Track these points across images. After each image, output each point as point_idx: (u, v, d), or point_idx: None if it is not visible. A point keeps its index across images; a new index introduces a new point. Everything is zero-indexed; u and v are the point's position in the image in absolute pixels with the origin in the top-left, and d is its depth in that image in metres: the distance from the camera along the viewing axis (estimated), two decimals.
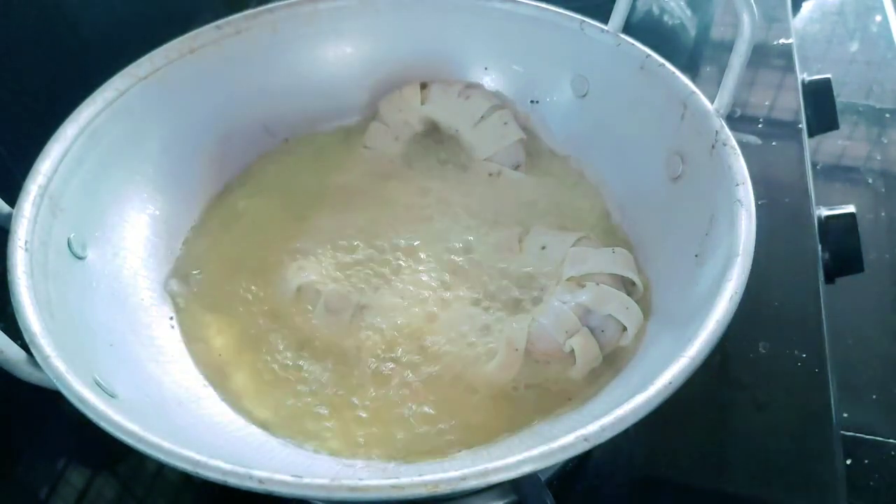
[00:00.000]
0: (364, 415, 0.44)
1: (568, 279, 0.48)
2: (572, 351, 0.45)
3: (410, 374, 0.46)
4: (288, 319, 0.49)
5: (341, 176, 0.58)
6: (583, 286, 0.47)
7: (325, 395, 0.46)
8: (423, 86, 0.59)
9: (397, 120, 0.59)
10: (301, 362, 0.47)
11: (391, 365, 0.46)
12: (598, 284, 0.46)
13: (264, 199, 0.57)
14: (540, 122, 0.59)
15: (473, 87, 0.59)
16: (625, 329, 0.46)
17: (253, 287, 0.51)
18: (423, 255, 0.52)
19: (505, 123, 0.58)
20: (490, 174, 0.57)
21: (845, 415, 0.50)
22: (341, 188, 0.57)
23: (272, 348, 0.48)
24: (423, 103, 0.59)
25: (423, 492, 0.30)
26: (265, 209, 0.56)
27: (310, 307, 0.49)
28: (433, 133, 0.60)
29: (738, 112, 0.70)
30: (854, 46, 0.83)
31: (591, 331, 0.45)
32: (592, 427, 0.32)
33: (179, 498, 0.48)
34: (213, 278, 0.52)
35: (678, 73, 0.49)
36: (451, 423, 0.44)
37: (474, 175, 0.58)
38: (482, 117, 0.58)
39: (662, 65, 0.50)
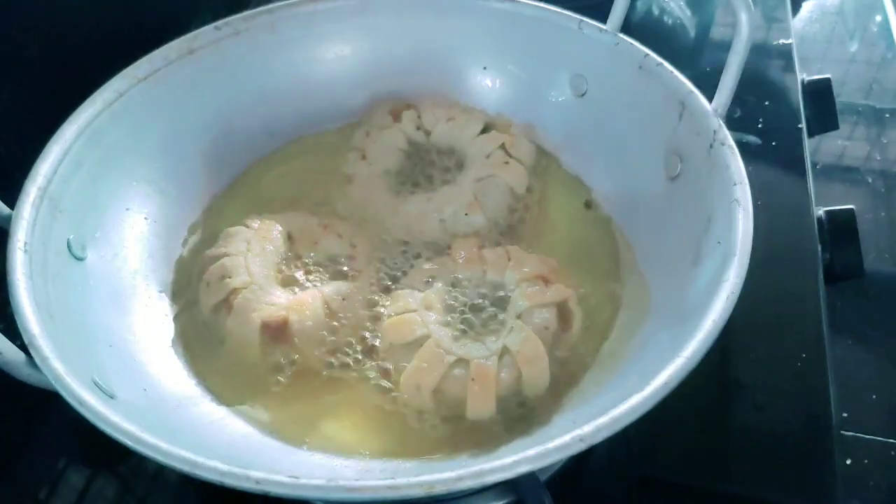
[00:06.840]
0: (361, 416, 0.45)
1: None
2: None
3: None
4: None
5: (340, 175, 0.58)
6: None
7: (322, 396, 0.46)
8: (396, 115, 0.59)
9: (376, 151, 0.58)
10: (297, 363, 0.47)
11: (388, 366, 0.46)
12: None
13: (263, 199, 0.57)
14: (538, 122, 0.59)
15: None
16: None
17: None
18: None
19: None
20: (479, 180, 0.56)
21: (845, 415, 0.50)
22: (340, 188, 0.57)
23: (271, 348, 0.48)
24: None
25: (419, 492, 0.30)
26: (264, 209, 0.56)
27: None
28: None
29: (738, 112, 0.70)
30: (854, 46, 0.83)
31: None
32: (588, 427, 0.32)
33: (180, 498, 0.48)
34: None
35: (676, 72, 0.49)
36: (451, 421, 0.44)
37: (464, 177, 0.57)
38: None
39: (661, 64, 0.50)
